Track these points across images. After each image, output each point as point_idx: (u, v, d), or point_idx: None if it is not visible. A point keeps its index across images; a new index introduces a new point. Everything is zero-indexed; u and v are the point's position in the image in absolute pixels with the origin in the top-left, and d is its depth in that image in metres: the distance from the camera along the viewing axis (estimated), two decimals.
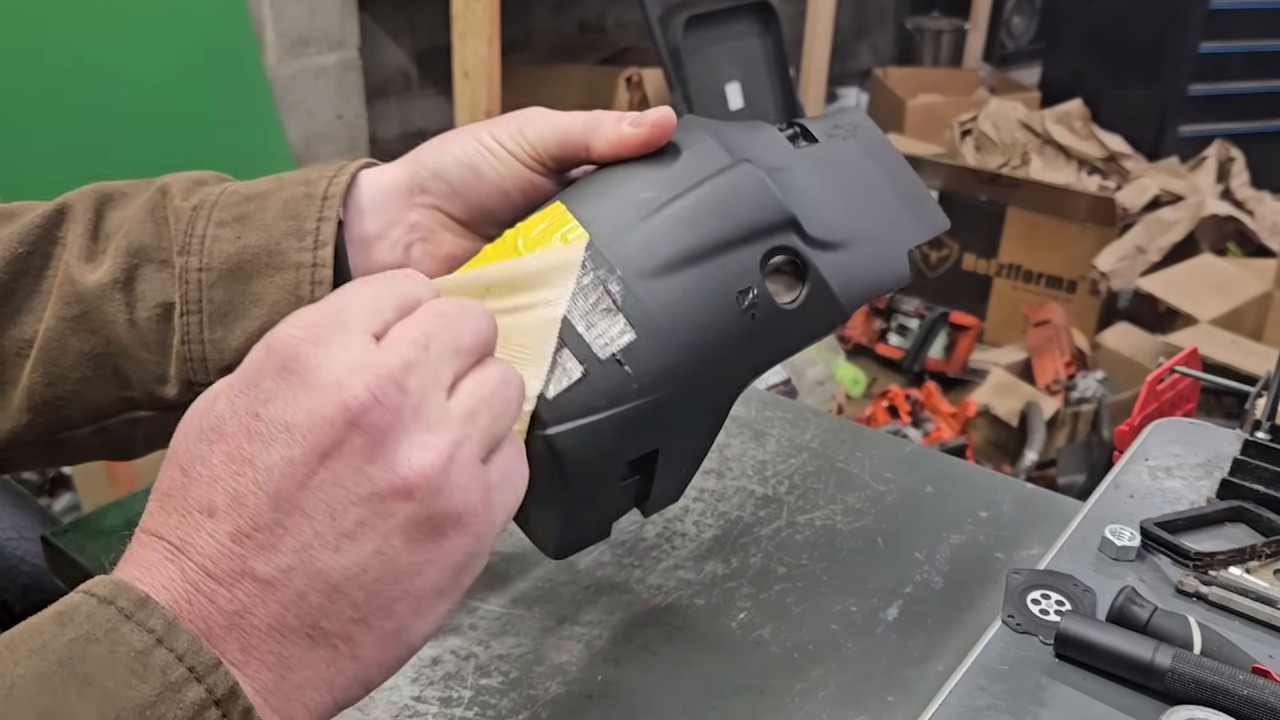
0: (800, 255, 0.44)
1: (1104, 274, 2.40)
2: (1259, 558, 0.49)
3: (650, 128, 0.44)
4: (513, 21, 2.60)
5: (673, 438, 0.44)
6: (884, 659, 0.50)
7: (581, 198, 0.44)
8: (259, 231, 0.46)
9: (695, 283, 0.42)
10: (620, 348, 0.40)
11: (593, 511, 0.44)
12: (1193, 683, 0.40)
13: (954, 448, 1.85)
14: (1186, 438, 0.59)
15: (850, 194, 0.48)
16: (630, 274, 0.41)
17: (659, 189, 0.43)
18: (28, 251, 0.47)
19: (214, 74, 2.15)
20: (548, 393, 0.40)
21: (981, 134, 2.95)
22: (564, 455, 0.40)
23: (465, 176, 0.46)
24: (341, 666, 0.31)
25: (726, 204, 0.43)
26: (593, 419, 0.40)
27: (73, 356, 0.46)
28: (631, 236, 0.42)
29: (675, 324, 0.41)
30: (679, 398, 0.42)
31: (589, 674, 0.48)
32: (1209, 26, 3.21)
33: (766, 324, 0.43)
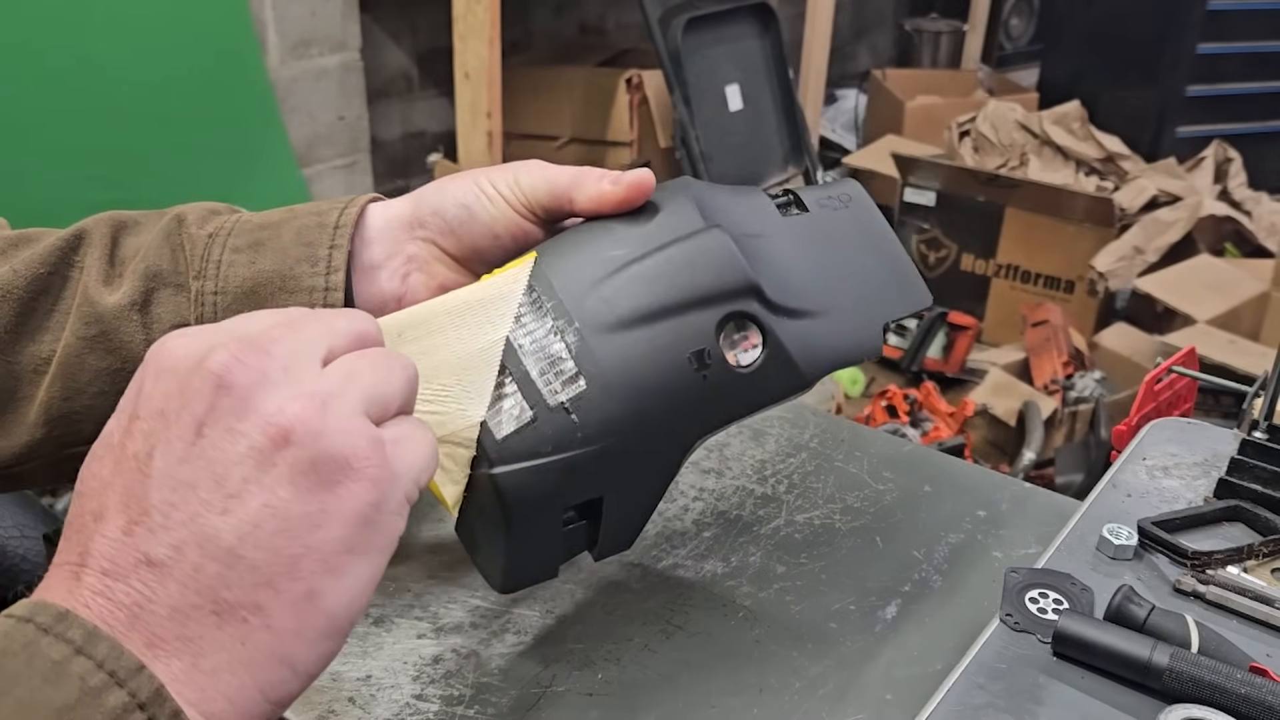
0: (758, 321, 0.45)
1: (1102, 274, 2.41)
2: (1256, 557, 0.49)
3: (628, 188, 0.47)
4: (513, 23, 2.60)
5: (618, 487, 0.45)
6: (882, 657, 0.50)
7: (555, 250, 0.46)
8: (274, 257, 0.48)
9: (648, 341, 0.43)
10: (569, 396, 0.42)
11: (536, 550, 0.45)
12: (1190, 681, 0.40)
13: (952, 447, 1.85)
14: (1184, 437, 0.59)
15: (830, 264, 0.49)
16: (587, 327, 0.43)
17: (627, 247, 0.45)
18: (48, 272, 0.49)
19: (216, 76, 2.15)
20: (497, 433, 0.41)
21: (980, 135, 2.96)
22: (507, 494, 0.41)
23: (461, 217, 0.49)
24: (256, 642, 0.30)
25: (689, 267, 0.44)
26: (537, 462, 0.42)
27: (90, 374, 0.48)
28: (594, 291, 0.44)
29: (624, 379, 0.43)
30: (624, 449, 0.43)
31: (589, 673, 0.49)
32: (1207, 27, 3.22)
33: (719, 385, 0.44)
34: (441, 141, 2.70)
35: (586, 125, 2.62)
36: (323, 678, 0.48)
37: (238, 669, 0.30)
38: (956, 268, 2.66)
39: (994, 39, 4.08)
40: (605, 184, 0.47)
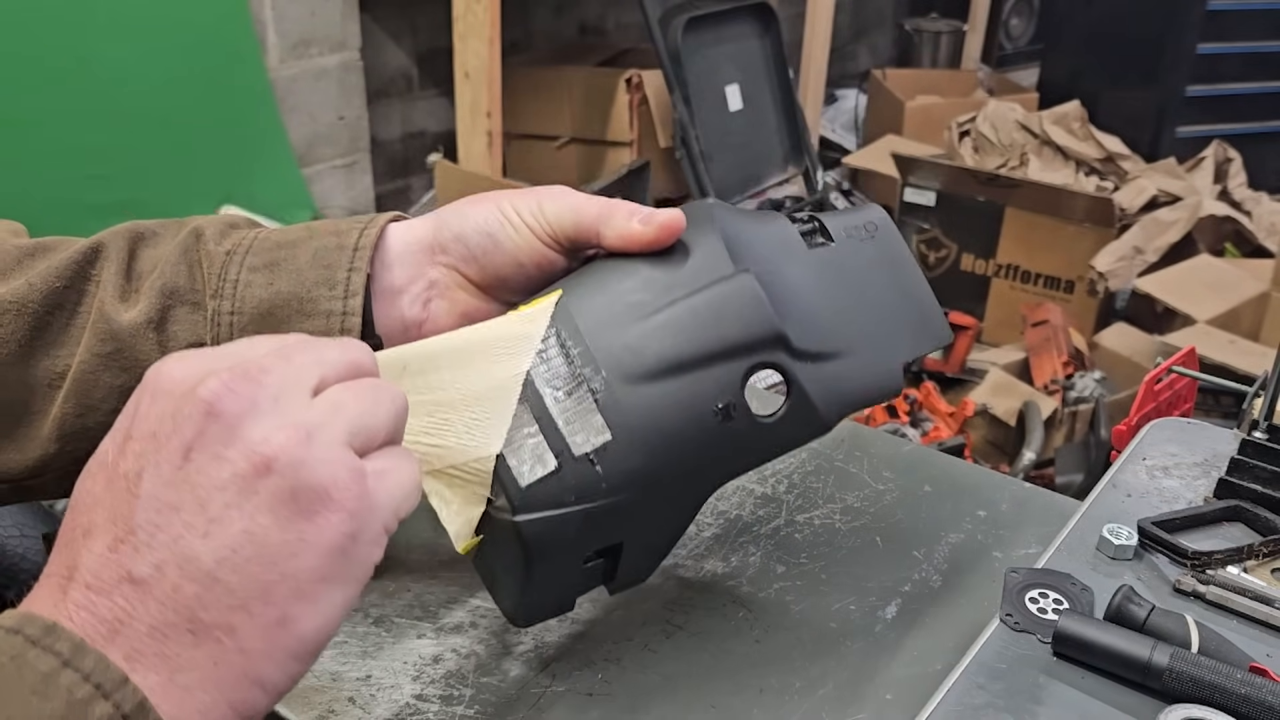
0: (785, 372, 0.45)
1: (1102, 274, 2.41)
2: (1256, 557, 0.49)
3: (658, 229, 0.46)
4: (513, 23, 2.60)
5: (637, 533, 0.45)
6: (882, 657, 0.50)
7: (580, 289, 0.45)
8: (291, 278, 0.47)
9: (675, 393, 0.43)
10: (594, 447, 0.42)
11: (554, 589, 0.46)
12: (1190, 681, 0.40)
13: (952, 447, 1.85)
14: (1184, 437, 0.59)
15: (852, 301, 0.48)
16: (614, 376, 0.43)
17: (654, 292, 0.45)
18: (64, 286, 0.48)
19: (216, 76, 2.15)
20: (521, 480, 0.42)
21: (980, 135, 2.96)
22: (530, 541, 0.42)
23: (484, 244, 0.48)
24: (228, 662, 0.31)
25: (717, 317, 0.44)
26: (559, 512, 0.42)
27: (104, 390, 0.47)
28: (620, 338, 0.43)
29: (649, 431, 0.43)
30: (646, 499, 0.43)
31: (589, 674, 0.49)
32: (1207, 28, 3.22)
33: (742, 435, 0.44)
34: (441, 141, 2.70)
35: (586, 125, 2.62)
36: (323, 678, 0.48)
37: (210, 686, 0.31)
38: (956, 268, 2.66)
39: (994, 39, 4.08)
40: (635, 223, 0.46)
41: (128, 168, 2.05)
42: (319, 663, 0.48)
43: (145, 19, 2.02)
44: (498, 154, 2.27)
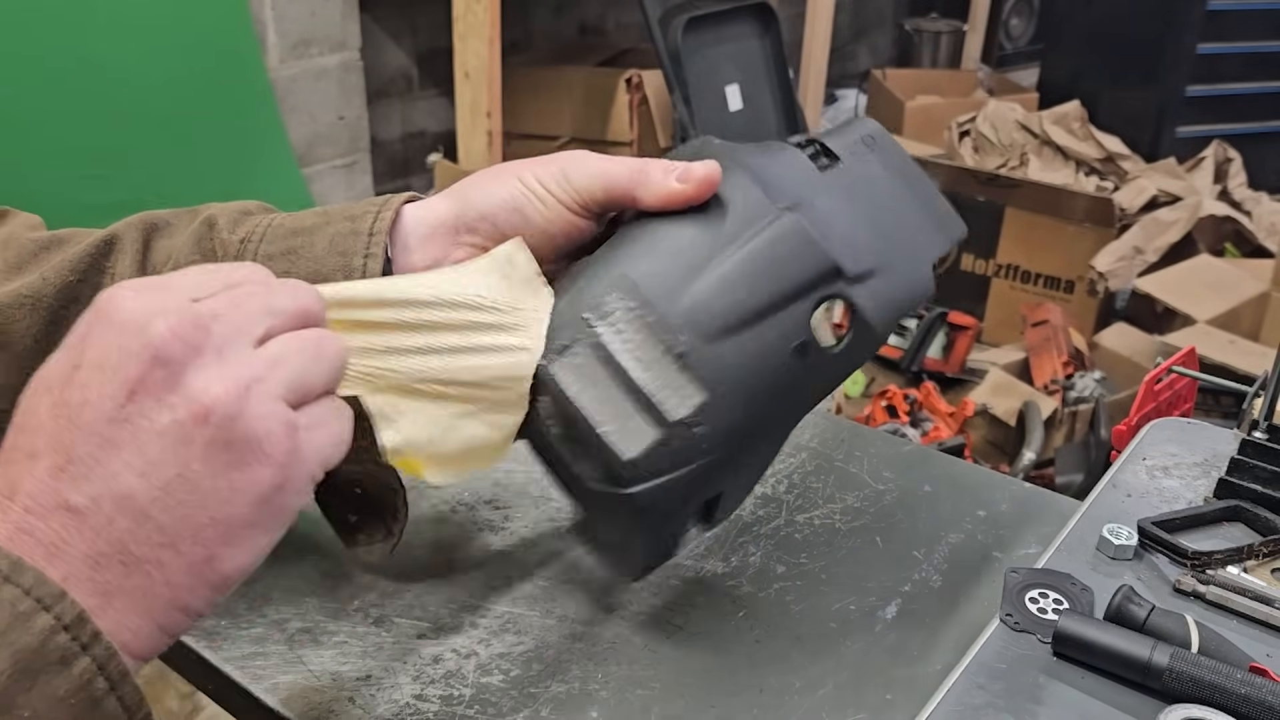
0: (849, 300, 0.46)
1: (1102, 274, 2.41)
2: (1256, 557, 0.49)
3: (697, 185, 0.46)
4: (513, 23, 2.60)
5: (737, 480, 0.47)
6: (882, 657, 0.50)
7: (630, 254, 0.45)
8: (307, 265, 0.47)
9: (755, 342, 0.44)
10: (690, 410, 0.43)
11: (665, 543, 0.47)
12: (1190, 681, 0.40)
13: (952, 447, 1.85)
14: (1184, 437, 0.59)
15: (876, 216, 0.49)
16: (695, 337, 0.43)
17: (708, 247, 0.45)
18: (78, 280, 0.49)
19: (216, 75, 2.15)
20: (625, 454, 0.43)
21: (980, 135, 2.96)
22: (644, 510, 0.43)
23: (511, 220, 0.48)
24: (156, 593, 0.33)
25: (777, 262, 0.45)
26: (665, 479, 0.43)
27: None
28: (690, 299, 0.44)
29: (739, 384, 0.43)
30: (742, 449, 0.45)
31: (589, 674, 0.49)
32: (1207, 28, 3.22)
33: (816, 369, 0.45)
34: (441, 141, 2.70)
35: (586, 125, 2.62)
36: (323, 678, 0.48)
37: (140, 611, 0.33)
38: (956, 267, 2.66)
39: (994, 39, 4.08)
40: (673, 181, 0.46)
41: (128, 168, 2.05)
42: (319, 663, 0.48)
43: (145, 19, 2.02)
44: (498, 154, 2.27)
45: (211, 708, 1.52)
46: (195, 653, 0.49)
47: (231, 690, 0.48)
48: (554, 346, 0.44)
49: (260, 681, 0.47)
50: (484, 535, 0.59)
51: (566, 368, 0.44)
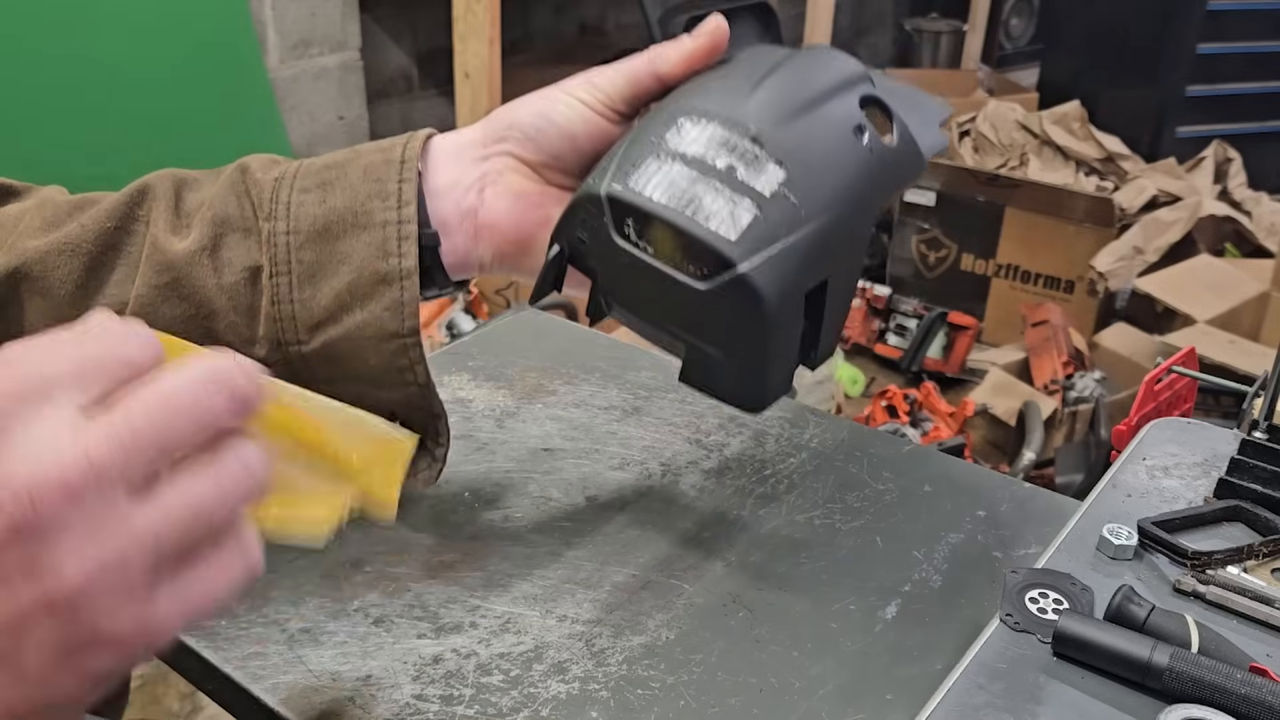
0: (885, 103, 0.49)
1: (1102, 274, 2.41)
2: (1256, 557, 0.49)
3: (710, 35, 0.49)
4: (513, 23, 2.60)
5: (837, 265, 0.47)
6: (883, 657, 0.50)
7: (680, 95, 0.48)
8: (344, 194, 0.49)
9: (819, 122, 0.47)
10: (779, 181, 0.44)
11: (784, 353, 0.47)
12: (1190, 681, 0.40)
13: (952, 447, 1.85)
14: (1184, 437, 0.59)
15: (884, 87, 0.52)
16: (763, 123, 0.46)
17: (749, 74, 0.48)
18: (115, 226, 0.50)
19: (215, 75, 2.15)
20: (730, 234, 0.43)
21: (980, 135, 2.96)
22: (761, 287, 0.43)
23: (537, 124, 0.51)
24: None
25: (813, 67, 0.49)
26: (778, 247, 0.44)
27: (164, 321, 0.49)
28: (747, 103, 0.46)
29: (816, 157, 0.46)
30: (838, 222, 0.46)
31: (589, 674, 0.49)
32: (1207, 28, 3.22)
33: (881, 160, 0.48)
34: None
35: None
36: (323, 678, 0.48)
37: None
38: (956, 268, 2.66)
39: (994, 39, 4.07)
40: (687, 42, 0.49)
41: (128, 168, 2.05)
42: (319, 662, 0.48)
43: (145, 19, 2.02)
44: None
45: (211, 708, 1.52)
46: (195, 653, 0.49)
47: (231, 690, 0.48)
48: (625, 170, 0.46)
49: (260, 681, 0.47)
50: (484, 535, 0.59)
51: (647, 180, 0.45)
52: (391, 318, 0.48)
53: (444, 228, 0.51)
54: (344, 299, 0.48)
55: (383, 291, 0.48)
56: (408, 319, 0.48)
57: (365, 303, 0.48)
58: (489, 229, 0.51)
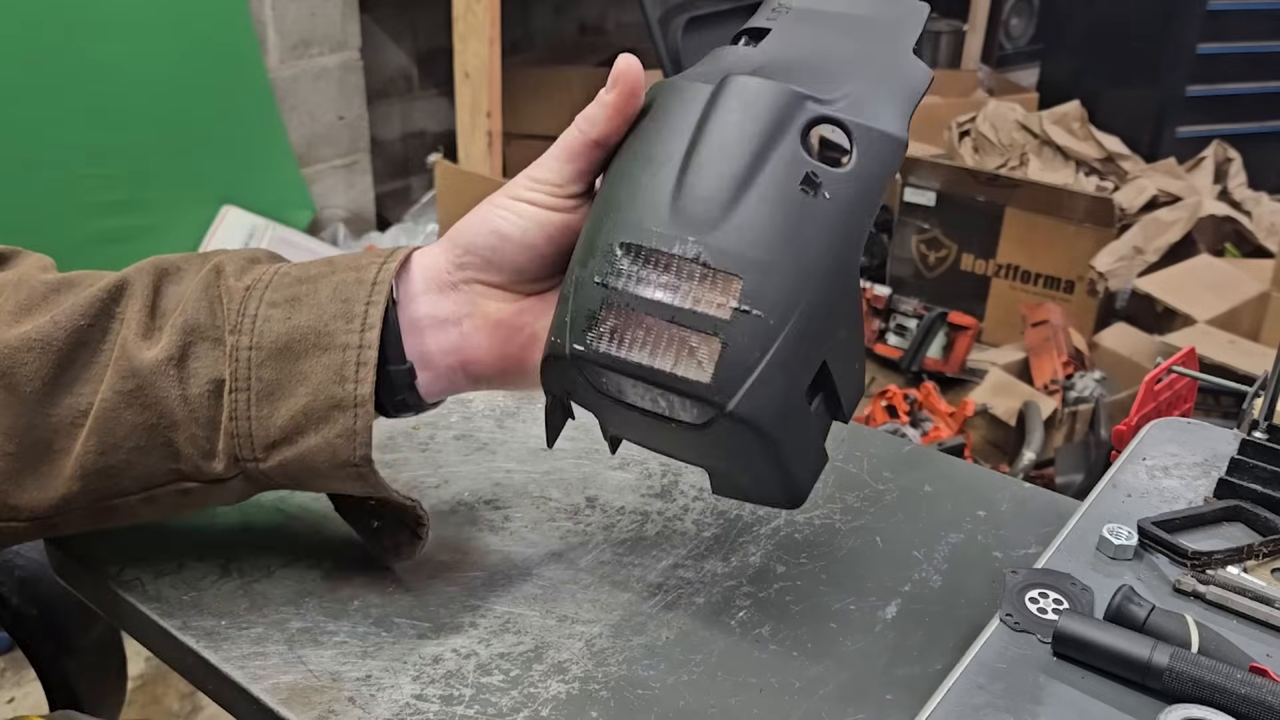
0: (830, 118, 0.44)
1: (1102, 274, 2.40)
2: (1256, 557, 0.49)
3: (619, 78, 0.46)
4: (513, 23, 2.60)
5: (830, 342, 0.44)
6: (882, 657, 0.50)
7: (605, 198, 0.45)
8: (309, 313, 0.48)
9: (758, 201, 0.42)
10: (736, 299, 0.41)
11: (803, 449, 0.44)
12: (1190, 681, 0.40)
13: (952, 447, 1.85)
14: (1184, 437, 0.59)
15: (824, 47, 0.47)
16: (700, 231, 0.41)
17: (670, 146, 0.44)
18: (88, 324, 0.48)
19: (215, 75, 2.15)
20: (703, 377, 0.41)
21: (980, 135, 2.96)
22: (754, 418, 0.41)
23: (490, 242, 0.49)
24: None
25: (737, 120, 0.43)
26: (757, 371, 0.41)
27: (126, 428, 0.47)
28: (677, 203, 0.42)
29: (770, 245, 0.41)
30: (814, 304, 0.42)
31: (589, 674, 0.49)
32: (1207, 27, 3.22)
33: (841, 196, 0.43)
34: (441, 141, 2.70)
35: None
36: (323, 678, 0.48)
37: None
38: (956, 268, 2.66)
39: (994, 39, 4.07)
40: (605, 97, 0.46)
41: (128, 168, 2.05)
42: (319, 663, 0.48)
43: (146, 19, 2.02)
44: (498, 154, 2.27)
45: (211, 708, 1.52)
46: (195, 653, 0.49)
47: (231, 690, 0.48)
48: (583, 328, 0.43)
49: (260, 681, 0.47)
50: (484, 535, 0.59)
51: (604, 338, 0.43)
52: (344, 445, 0.46)
53: (425, 362, 0.49)
54: (299, 421, 0.47)
55: (336, 417, 0.46)
56: (359, 448, 0.46)
57: (319, 427, 0.47)
58: (474, 364, 0.50)
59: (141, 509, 0.50)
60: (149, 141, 2.07)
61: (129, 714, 1.52)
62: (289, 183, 2.33)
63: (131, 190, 2.06)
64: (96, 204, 2.01)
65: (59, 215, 1.97)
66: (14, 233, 1.87)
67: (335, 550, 0.56)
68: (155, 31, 2.04)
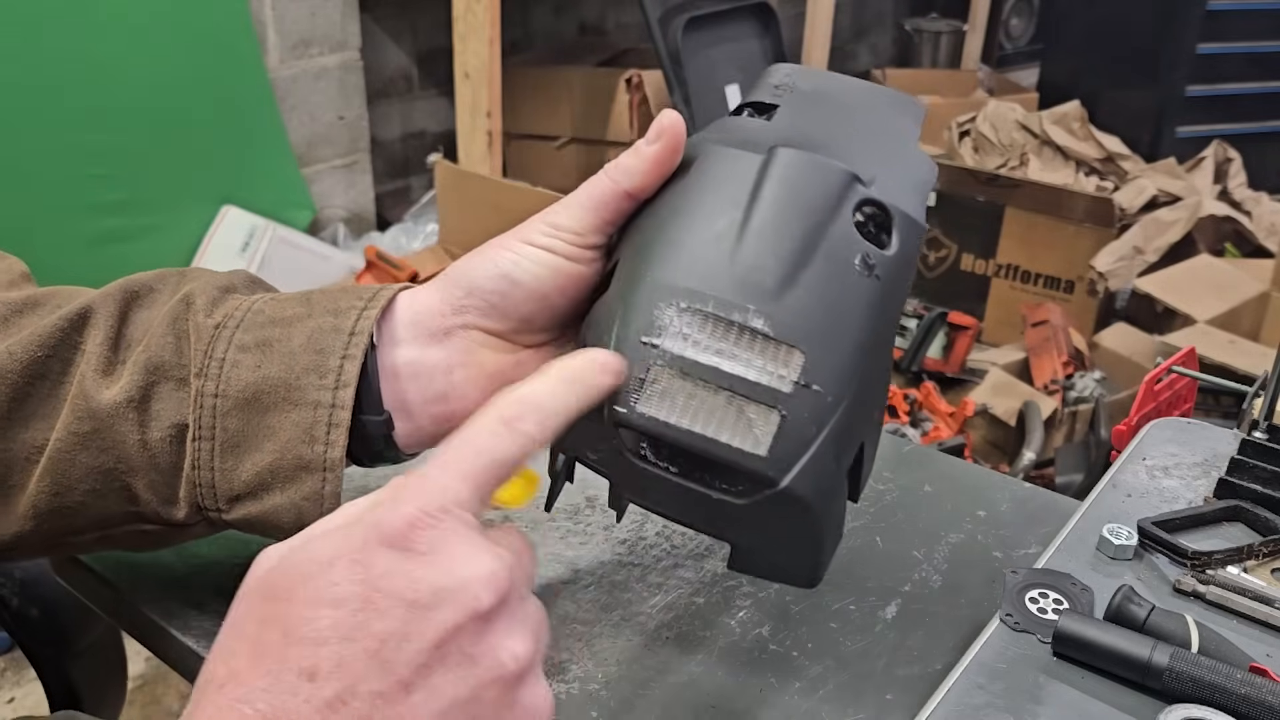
0: (876, 200, 0.43)
1: (1102, 274, 2.40)
2: (1256, 557, 0.49)
3: (666, 135, 0.43)
4: (513, 23, 2.60)
5: (869, 422, 0.44)
6: (883, 657, 0.50)
7: (650, 259, 0.42)
8: (281, 362, 0.44)
9: (820, 277, 0.41)
10: (798, 372, 0.40)
11: (837, 527, 0.44)
12: (1190, 681, 0.40)
13: (952, 447, 1.85)
14: (1184, 437, 0.59)
15: (840, 130, 0.47)
16: (761, 301, 0.40)
17: (722, 211, 0.42)
18: (47, 355, 0.45)
19: (216, 76, 2.15)
20: (760, 450, 0.39)
21: (980, 135, 2.96)
22: (805, 495, 0.40)
23: (500, 287, 0.45)
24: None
25: (797, 191, 0.42)
26: (813, 447, 0.40)
27: (81, 470, 0.45)
28: (731, 269, 0.41)
29: (830, 322, 0.41)
30: (864, 386, 0.42)
31: (589, 674, 0.49)
32: (1206, 27, 3.22)
33: (890, 279, 0.43)
34: (441, 141, 2.70)
35: (586, 125, 2.62)
36: None
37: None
38: (956, 267, 2.66)
39: (994, 39, 4.07)
40: (645, 150, 0.43)
41: (128, 168, 2.05)
42: None
43: (145, 19, 2.02)
44: (498, 154, 2.28)
45: None
46: (195, 653, 0.49)
47: None
48: (626, 388, 0.40)
49: None
50: None
51: (651, 401, 0.40)
52: (311, 508, 0.44)
53: (403, 411, 0.45)
54: (265, 478, 0.44)
55: (304, 479, 0.44)
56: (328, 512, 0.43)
57: (285, 487, 0.44)
58: (460, 417, 0.45)
59: (97, 546, 0.48)
60: (149, 141, 2.07)
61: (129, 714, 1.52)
62: (289, 183, 2.33)
63: (131, 190, 2.06)
64: (96, 204, 2.01)
65: (59, 215, 1.97)
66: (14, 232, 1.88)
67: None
68: (155, 31, 2.04)
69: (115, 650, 0.77)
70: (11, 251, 0.54)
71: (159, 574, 0.54)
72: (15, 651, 1.56)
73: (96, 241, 2.01)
